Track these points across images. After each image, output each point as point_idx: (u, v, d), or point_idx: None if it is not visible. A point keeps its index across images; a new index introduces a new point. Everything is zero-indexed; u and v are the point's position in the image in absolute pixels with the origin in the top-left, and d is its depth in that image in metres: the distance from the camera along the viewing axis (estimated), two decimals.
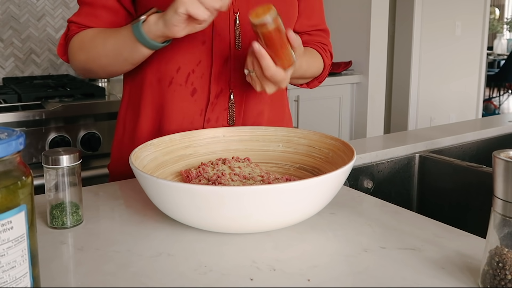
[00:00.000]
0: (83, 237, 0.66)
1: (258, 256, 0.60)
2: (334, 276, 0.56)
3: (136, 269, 0.57)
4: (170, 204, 0.63)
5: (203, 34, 0.90)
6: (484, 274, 0.51)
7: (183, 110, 0.94)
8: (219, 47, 0.92)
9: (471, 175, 1.09)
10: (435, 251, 0.61)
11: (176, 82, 0.93)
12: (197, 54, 0.92)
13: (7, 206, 0.41)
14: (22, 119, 1.71)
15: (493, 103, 6.96)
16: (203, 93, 0.93)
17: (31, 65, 2.40)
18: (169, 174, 0.82)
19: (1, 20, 2.31)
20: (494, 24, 8.54)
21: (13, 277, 0.43)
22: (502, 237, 0.49)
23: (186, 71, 0.92)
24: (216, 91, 0.93)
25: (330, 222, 0.71)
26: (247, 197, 0.59)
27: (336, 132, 3.05)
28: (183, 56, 0.92)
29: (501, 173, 0.48)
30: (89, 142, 1.82)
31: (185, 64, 0.92)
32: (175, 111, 0.94)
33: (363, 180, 1.12)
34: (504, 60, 6.85)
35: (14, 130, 0.44)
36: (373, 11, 3.01)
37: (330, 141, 0.82)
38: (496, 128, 1.40)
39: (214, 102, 0.94)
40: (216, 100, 0.94)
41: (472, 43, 4.42)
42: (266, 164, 0.87)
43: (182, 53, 0.92)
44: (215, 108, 0.94)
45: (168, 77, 0.93)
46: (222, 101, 0.94)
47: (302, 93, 2.74)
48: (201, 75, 0.93)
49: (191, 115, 0.94)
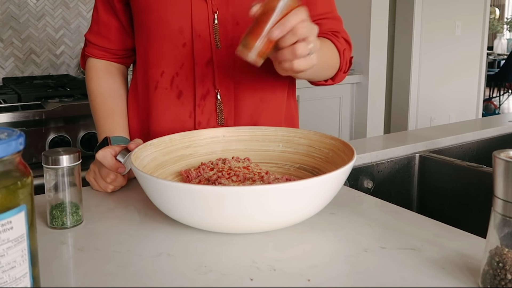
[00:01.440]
0: (83, 237, 0.66)
1: (258, 256, 0.60)
2: (334, 276, 0.56)
3: (136, 269, 0.57)
4: (170, 204, 0.63)
5: (183, 36, 0.91)
6: (484, 274, 0.51)
7: (172, 114, 0.94)
8: (199, 48, 0.91)
9: (471, 175, 1.09)
10: (435, 251, 0.61)
11: (161, 86, 0.94)
12: (178, 57, 0.92)
13: (7, 206, 0.41)
14: (22, 119, 1.71)
15: (493, 103, 6.96)
16: (189, 95, 0.93)
17: (31, 65, 2.40)
18: (169, 174, 0.82)
19: (1, 20, 2.31)
20: (494, 24, 8.54)
21: (13, 277, 0.43)
22: (502, 237, 0.49)
23: (170, 74, 0.93)
24: (202, 92, 0.93)
25: (330, 222, 0.71)
26: (247, 197, 0.59)
27: (336, 132, 3.05)
28: (165, 60, 0.93)
29: (501, 173, 0.48)
30: (89, 142, 1.82)
31: (168, 67, 0.93)
32: (164, 115, 0.95)
33: (363, 180, 1.12)
34: (504, 60, 6.85)
35: (14, 130, 0.44)
36: (373, 11, 3.01)
37: (330, 141, 0.82)
38: (496, 128, 1.40)
39: (202, 104, 0.93)
40: (203, 102, 0.93)
41: (472, 43, 4.41)
42: (266, 164, 0.87)
43: (164, 57, 0.93)
44: (204, 110, 0.93)
45: (154, 82, 0.95)
46: (209, 102, 0.93)
47: (302, 93, 2.74)
48: (186, 78, 0.93)
49: (180, 118, 0.94)
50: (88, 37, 1.04)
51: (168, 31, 0.91)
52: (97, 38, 1.02)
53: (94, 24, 1.03)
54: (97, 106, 1.00)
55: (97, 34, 1.02)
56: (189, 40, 0.91)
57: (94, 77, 1.03)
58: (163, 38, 0.92)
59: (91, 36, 1.03)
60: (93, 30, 1.03)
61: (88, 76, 1.04)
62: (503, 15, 9.64)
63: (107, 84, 1.02)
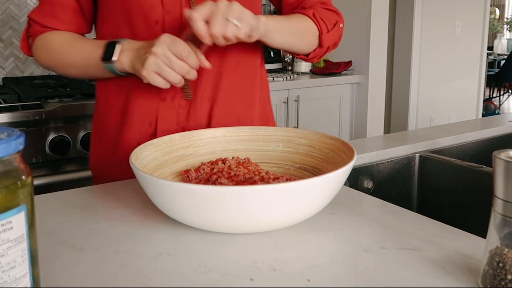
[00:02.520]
0: (83, 237, 0.66)
1: (258, 256, 0.60)
2: (334, 276, 0.56)
3: (136, 269, 0.57)
4: (171, 204, 0.63)
5: (155, 13, 0.90)
6: (484, 274, 0.51)
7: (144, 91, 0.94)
8: (170, 25, 0.91)
9: (471, 175, 1.09)
10: (435, 251, 0.61)
11: None
12: (151, 36, 0.89)
13: (7, 206, 0.41)
14: (22, 119, 1.71)
15: (493, 103, 6.96)
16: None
17: (31, 65, 2.40)
18: (169, 174, 0.82)
19: (1, 20, 2.31)
20: (494, 24, 8.54)
21: (13, 277, 0.43)
22: (502, 237, 0.49)
23: None
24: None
25: (330, 222, 0.71)
26: (248, 197, 0.59)
27: (336, 132, 3.05)
28: (139, 39, 0.91)
29: (501, 173, 0.48)
30: (89, 142, 1.82)
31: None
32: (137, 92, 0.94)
33: (363, 180, 1.12)
34: (504, 60, 6.85)
35: (14, 130, 0.44)
36: (373, 11, 3.00)
37: (330, 141, 0.82)
38: (496, 128, 1.40)
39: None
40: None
41: (472, 43, 4.42)
42: (266, 164, 0.87)
43: (139, 37, 0.91)
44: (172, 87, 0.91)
45: None
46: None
47: (302, 93, 2.74)
48: None
49: (150, 96, 0.94)
50: (35, 17, 0.96)
51: (140, 8, 0.90)
52: (48, 19, 0.95)
53: (46, 5, 0.95)
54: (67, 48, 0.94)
55: (49, 16, 0.95)
56: (160, 17, 0.91)
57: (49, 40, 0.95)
58: (135, 17, 0.91)
59: (39, 17, 0.95)
60: (43, 10, 0.95)
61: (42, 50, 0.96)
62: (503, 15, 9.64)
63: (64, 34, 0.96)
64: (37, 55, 0.98)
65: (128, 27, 0.93)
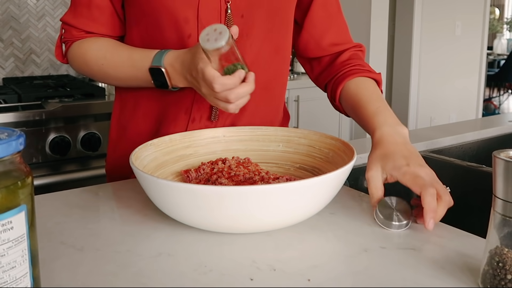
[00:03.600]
0: (83, 237, 0.66)
1: (258, 256, 0.60)
2: (334, 276, 0.56)
3: (137, 269, 0.57)
4: (171, 204, 0.63)
5: (189, 27, 0.87)
6: (484, 274, 0.51)
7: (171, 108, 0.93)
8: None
9: (471, 175, 1.09)
10: (435, 251, 0.61)
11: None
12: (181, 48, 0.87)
13: (7, 206, 0.41)
14: (22, 119, 1.71)
15: (493, 103, 6.96)
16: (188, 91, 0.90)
17: (31, 65, 2.40)
18: (169, 174, 0.82)
19: (1, 20, 2.31)
20: (494, 24, 8.53)
21: (13, 277, 0.43)
22: (502, 237, 0.49)
23: None
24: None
25: (330, 222, 0.71)
26: (248, 197, 0.59)
27: (336, 132, 3.05)
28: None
29: (501, 173, 0.48)
30: (89, 142, 1.82)
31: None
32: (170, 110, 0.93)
33: (363, 180, 1.12)
34: (504, 60, 6.85)
35: (14, 130, 0.44)
36: (373, 12, 3.01)
37: (330, 141, 0.82)
38: (496, 128, 1.40)
39: (200, 99, 0.91)
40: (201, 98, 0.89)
41: (472, 43, 4.42)
42: (266, 164, 0.87)
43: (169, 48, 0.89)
44: (201, 107, 0.91)
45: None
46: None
47: (302, 93, 2.74)
48: None
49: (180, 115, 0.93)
50: (70, 21, 0.91)
51: (174, 21, 0.87)
52: (85, 22, 0.91)
53: (81, 7, 0.90)
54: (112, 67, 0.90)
55: (86, 18, 0.91)
56: (194, 31, 0.87)
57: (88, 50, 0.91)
58: (167, 28, 0.88)
59: (75, 20, 0.91)
60: (78, 13, 0.91)
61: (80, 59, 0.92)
62: (503, 15, 9.64)
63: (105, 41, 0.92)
64: (75, 64, 0.95)
65: (159, 38, 0.89)
